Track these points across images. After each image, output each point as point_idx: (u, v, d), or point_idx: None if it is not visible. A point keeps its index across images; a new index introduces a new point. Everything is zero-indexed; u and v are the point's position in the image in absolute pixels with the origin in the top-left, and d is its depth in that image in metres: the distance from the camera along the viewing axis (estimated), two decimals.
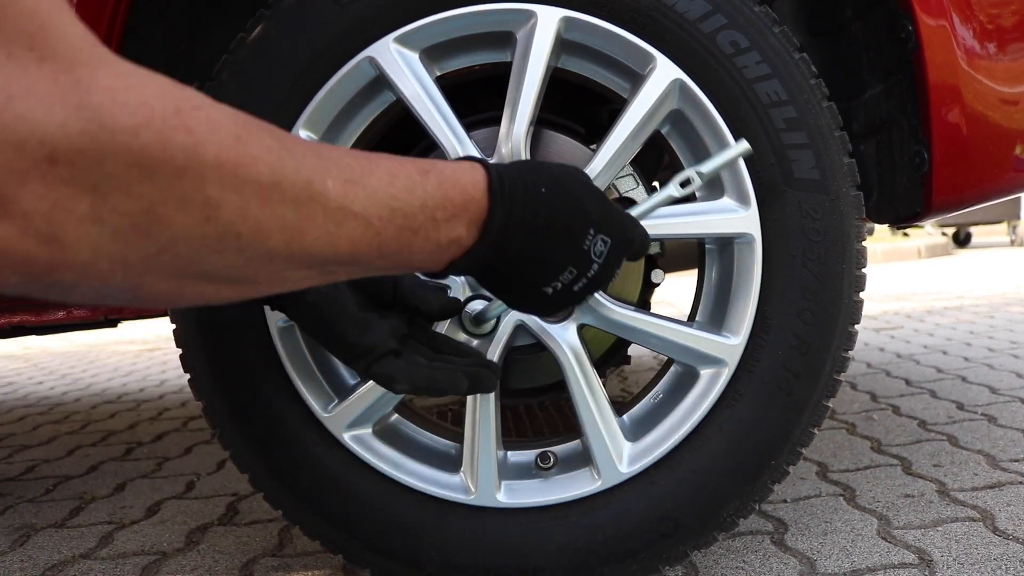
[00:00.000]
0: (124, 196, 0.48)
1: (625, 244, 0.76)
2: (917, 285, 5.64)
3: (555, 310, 0.78)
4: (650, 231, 0.98)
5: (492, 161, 0.79)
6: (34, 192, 0.45)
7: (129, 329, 5.52)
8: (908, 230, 11.02)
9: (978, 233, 11.79)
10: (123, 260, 0.50)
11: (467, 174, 0.69)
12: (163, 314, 1.44)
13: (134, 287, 0.53)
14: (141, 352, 4.31)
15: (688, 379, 1.02)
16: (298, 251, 0.57)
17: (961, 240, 10.80)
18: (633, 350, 2.09)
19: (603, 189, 0.97)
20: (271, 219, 0.54)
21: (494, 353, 0.99)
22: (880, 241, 9.89)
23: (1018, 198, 9.08)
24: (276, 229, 0.55)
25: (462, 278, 0.99)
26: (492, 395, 0.99)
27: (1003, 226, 10.97)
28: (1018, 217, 9.88)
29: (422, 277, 0.89)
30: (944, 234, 10.54)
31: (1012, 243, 10.29)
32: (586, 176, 0.78)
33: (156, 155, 0.48)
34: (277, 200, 0.54)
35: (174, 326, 1.05)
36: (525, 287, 0.75)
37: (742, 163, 0.96)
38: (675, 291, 5.75)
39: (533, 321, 0.99)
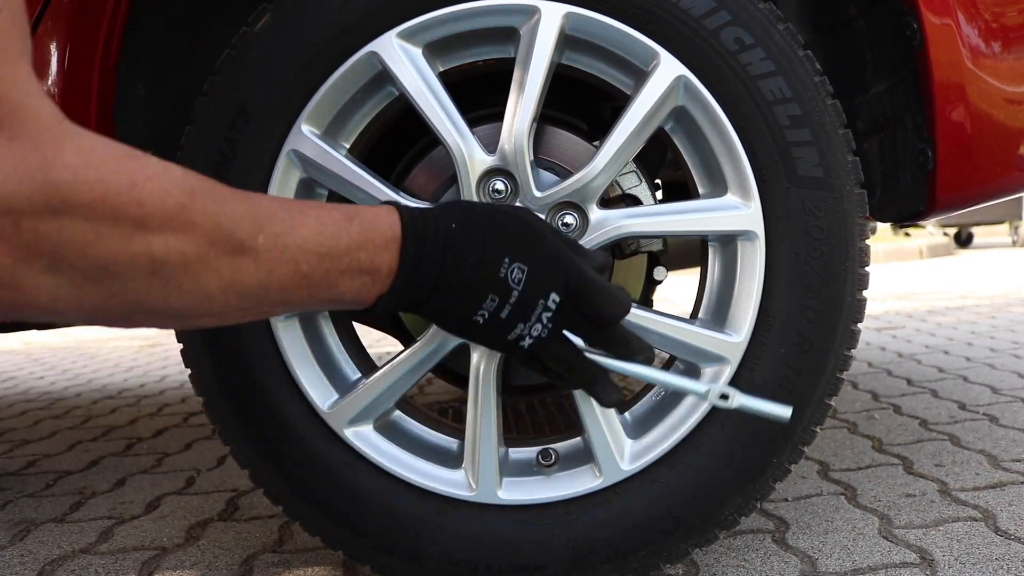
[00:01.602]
0: (79, 256, 0.57)
1: (548, 270, 0.80)
2: (919, 285, 5.64)
3: (496, 343, 0.83)
4: (653, 228, 0.99)
5: (424, 207, 0.84)
6: (1, 249, 0.54)
7: None
8: (910, 230, 11.02)
9: (980, 233, 11.78)
10: (78, 303, 0.60)
11: (385, 217, 0.77)
12: None
13: (88, 320, 0.64)
14: (142, 348, 4.31)
15: (690, 376, 1.01)
16: (233, 295, 0.68)
17: (963, 240, 10.80)
18: None
19: (606, 186, 0.97)
20: (208, 272, 0.65)
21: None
22: (882, 241, 9.88)
23: (1020, 198, 9.07)
24: (213, 279, 0.65)
25: None
26: (493, 392, 0.99)
27: (1005, 226, 10.96)
28: (1020, 217, 9.88)
29: None
30: (946, 234, 10.54)
31: (1014, 243, 10.29)
32: (523, 211, 0.84)
33: (109, 225, 0.58)
34: (212, 257, 0.65)
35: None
36: (455, 317, 0.81)
37: (745, 159, 0.96)
38: (676, 290, 5.75)
39: None
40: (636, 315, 0.98)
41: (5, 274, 0.55)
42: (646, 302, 1.13)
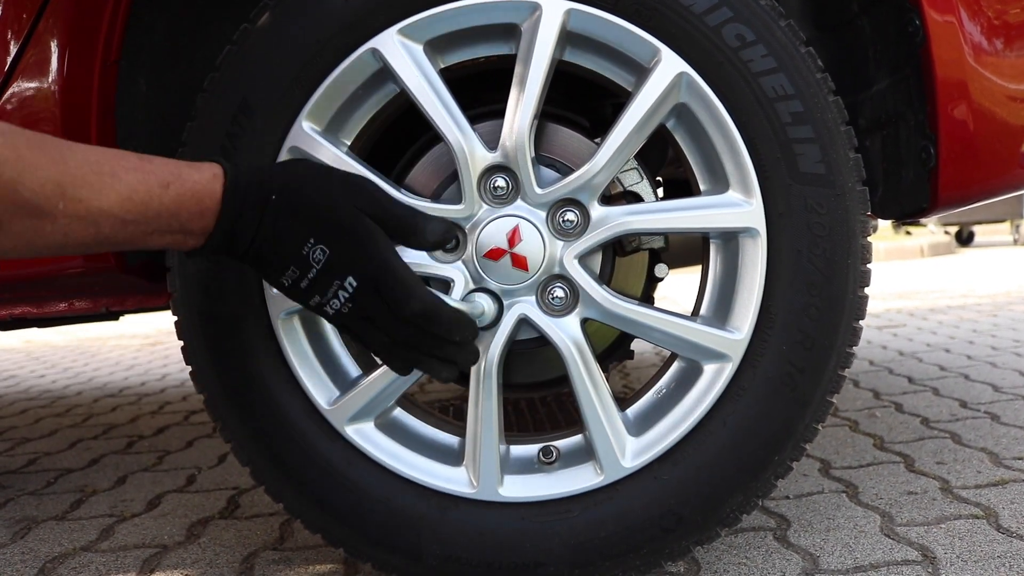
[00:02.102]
0: None
1: (349, 255, 0.85)
2: (920, 283, 5.63)
3: (300, 303, 0.89)
4: (654, 225, 0.99)
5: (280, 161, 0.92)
6: None
7: (131, 323, 5.52)
8: (911, 229, 11.01)
9: (981, 232, 11.77)
10: None
11: (207, 184, 0.82)
12: (165, 308, 1.43)
13: None
14: (143, 346, 4.31)
15: (691, 374, 1.01)
16: (25, 249, 0.75)
17: (964, 239, 10.79)
18: (636, 345, 2.09)
19: (607, 183, 0.97)
20: (4, 231, 0.72)
21: (496, 346, 0.98)
22: (883, 239, 9.88)
23: (1021, 197, 9.06)
24: (7, 237, 0.73)
25: (465, 272, 0.98)
26: (495, 389, 0.99)
27: (1006, 225, 10.95)
28: (1021, 216, 9.87)
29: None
30: (947, 233, 10.53)
31: (1015, 242, 10.28)
32: (348, 192, 0.87)
33: None
34: (8, 219, 0.71)
35: (176, 318, 1.04)
36: (265, 273, 0.88)
37: (747, 156, 0.96)
38: (676, 288, 5.75)
39: (536, 314, 0.99)
40: (637, 312, 0.98)
41: None
42: (648, 299, 1.12)
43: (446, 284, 0.98)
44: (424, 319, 0.87)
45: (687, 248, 1.59)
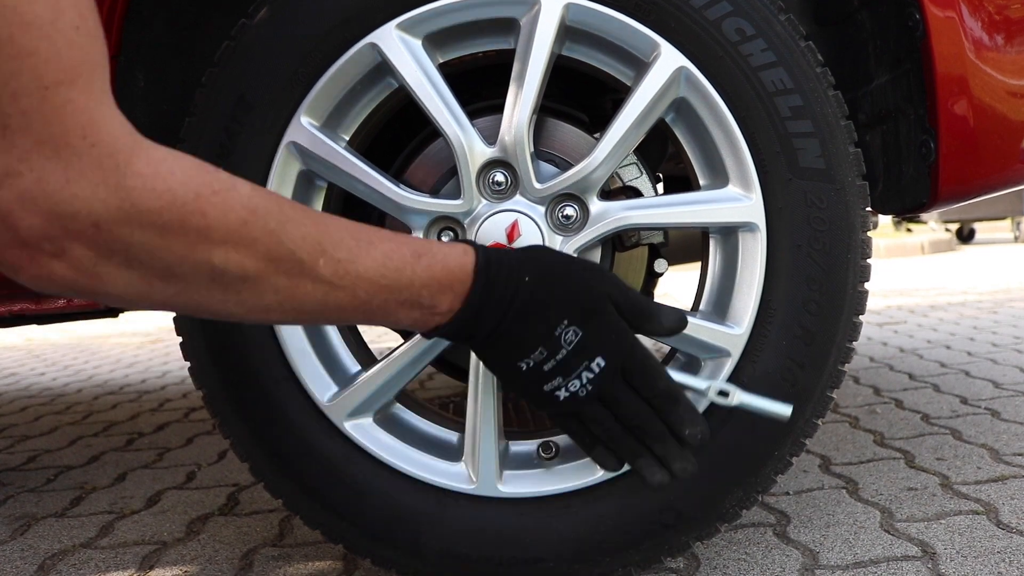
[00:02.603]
0: (148, 255, 0.64)
1: (601, 338, 0.84)
2: (921, 280, 5.63)
3: (530, 389, 0.86)
4: (654, 220, 0.98)
5: (492, 248, 0.86)
6: (83, 246, 0.62)
7: (131, 321, 5.52)
8: (912, 226, 11.00)
9: (982, 229, 11.77)
10: (148, 296, 0.67)
11: (458, 258, 0.81)
12: None
13: (162, 308, 0.71)
14: (143, 344, 4.31)
15: (691, 369, 1.01)
16: (290, 310, 0.73)
17: (965, 236, 10.78)
18: None
19: (606, 178, 0.97)
20: (266, 287, 0.70)
21: None
22: (884, 236, 9.87)
23: (1022, 195, 9.05)
24: (270, 294, 0.71)
25: None
26: (493, 384, 0.99)
27: (1007, 222, 10.95)
28: (1022, 213, 9.86)
29: None
30: (948, 230, 10.52)
31: (1016, 239, 10.27)
32: (596, 276, 0.86)
33: (175, 231, 0.64)
34: (271, 274, 0.70)
35: (175, 314, 1.04)
36: (501, 356, 0.85)
37: (747, 151, 0.96)
38: (676, 285, 5.75)
39: None
40: None
41: (87, 266, 0.63)
42: (647, 295, 1.12)
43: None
44: (669, 399, 0.86)
45: (687, 244, 1.59)
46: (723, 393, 0.88)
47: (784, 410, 0.87)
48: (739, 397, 0.88)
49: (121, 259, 0.64)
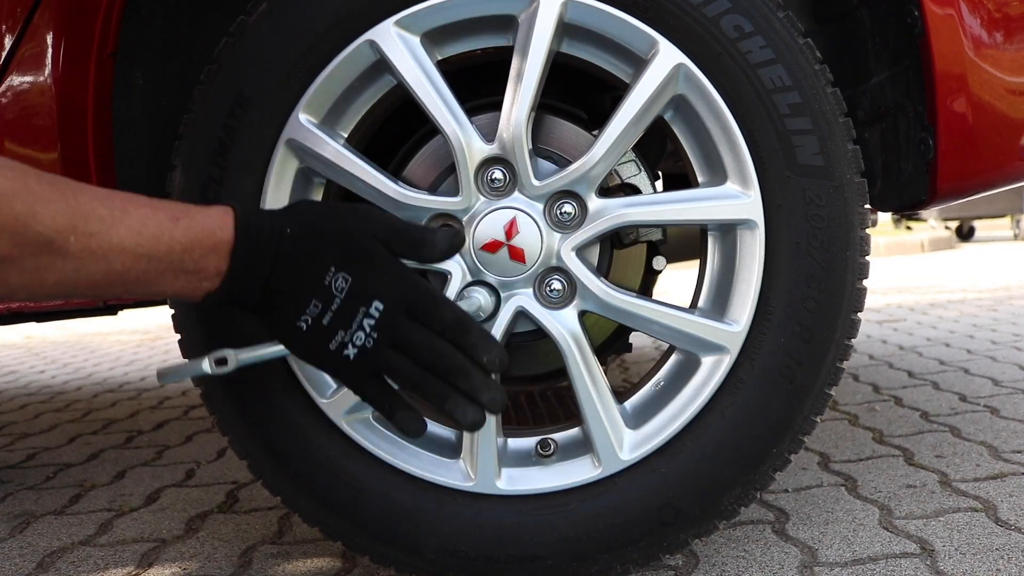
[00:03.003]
0: None
1: (372, 279, 0.82)
2: (920, 278, 5.63)
3: (317, 353, 0.83)
4: (652, 217, 0.98)
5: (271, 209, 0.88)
6: None
7: (131, 319, 5.52)
8: (911, 224, 11.00)
9: (981, 227, 11.76)
10: None
11: (218, 217, 0.80)
12: (164, 303, 1.43)
13: None
14: (143, 342, 4.31)
15: (690, 366, 1.01)
16: (38, 289, 0.72)
17: (964, 234, 10.78)
18: (634, 340, 2.09)
19: (605, 175, 0.97)
20: (11, 268, 0.69)
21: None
22: (883, 234, 9.87)
23: (1021, 193, 9.05)
24: (15, 274, 0.70)
25: (462, 265, 0.98)
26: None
27: (1007, 220, 10.94)
28: (1021, 211, 9.85)
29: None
30: (947, 228, 10.52)
31: (1015, 237, 10.27)
32: (361, 222, 0.85)
33: None
34: (17, 256, 0.69)
35: (173, 311, 1.04)
36: (279, 319, 0.83)
37: (745, 148, 0.95)
38: (674, 283, 5.74)
39: (533, 306, 0.98)
40: (635, 304, 0.98)
41: None
42: (646, 292, 1.12)
43: (443, 277, 0.98)
44: (458, 328, 0.84)
45: (686, 241, 1.59)
46: (222, 361, 0.85)
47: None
48: (238, 358, 0.85)
49: None
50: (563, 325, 0.98)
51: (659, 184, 1.14)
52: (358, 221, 0.85)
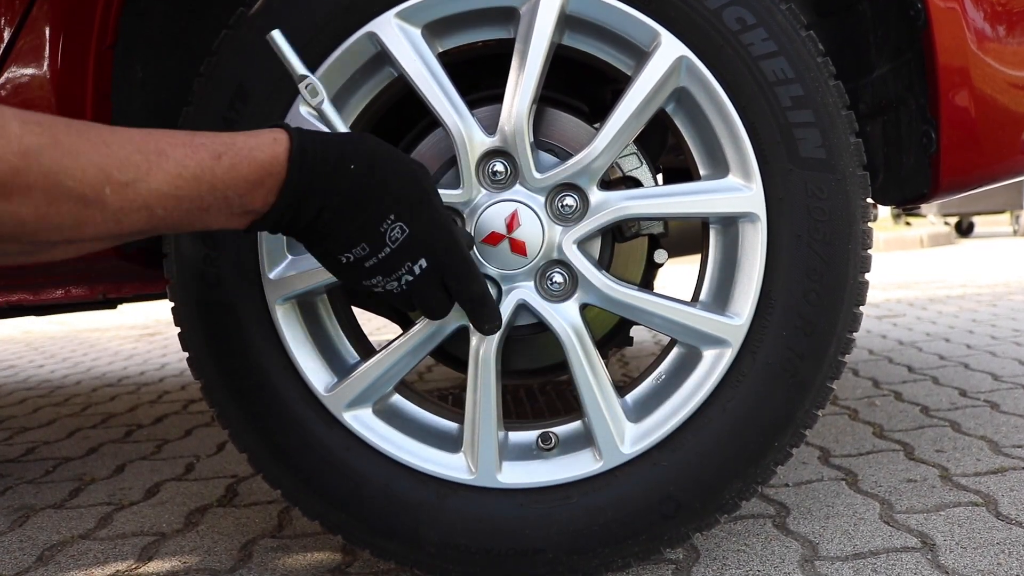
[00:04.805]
0: None
1: (427, 237, 0.82)
2: (920, 274, 5.63)
3: (345, 278, 0.84)
4: (654, 210, 0.98)
5: (342, 132, 0.85)
6: None
7: (130, 314, 5.52)
8: (911, 219, 11.00)
9: (981, 223, 11.76)
10: None
11: (268, 148, 0.76)
12: (163, 296, 1.43)
13: None
14: (142, 336, 4.31)
15: (691, 360, 1.01)
16: (78, 239, 0.68)
17: (964, 229, 10.78)
18: (635, 334, 2.09)
19: (606, 167, 0.96)
20: (49, 229, 0.65)
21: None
22: (883, 230, 9.87)
23: (1021, 188, 9.05)
24: (55, 234, 0.66)
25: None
26: (493, 375, 0.98)
27: (1006, 216, 10.94)
28: (1021, 207, 9.85)
29: None
30: (947, 223, 10.51)
31: (1015, 233, 10.26)
32: (422, 171, 0.84)
33: None
34: (52, 215, 0.65)
35: (173, 305, 1.04)
36: (323, 251, 0.82)
37: (747, 141, 0.95)
38: (676, 277, 5.74)
39: (534, 299, 0.98)
40: (636, 297, 0.98)
41: None
42: (647, 285, 1.12)
43: None
44: (478, 302, 0.87)
45: (687, 235, 1.59)
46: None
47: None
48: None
49: None
50: (564, 318, 0.98)
51: (660, 177, 1.14)
52: (423, 172, 0.84)
